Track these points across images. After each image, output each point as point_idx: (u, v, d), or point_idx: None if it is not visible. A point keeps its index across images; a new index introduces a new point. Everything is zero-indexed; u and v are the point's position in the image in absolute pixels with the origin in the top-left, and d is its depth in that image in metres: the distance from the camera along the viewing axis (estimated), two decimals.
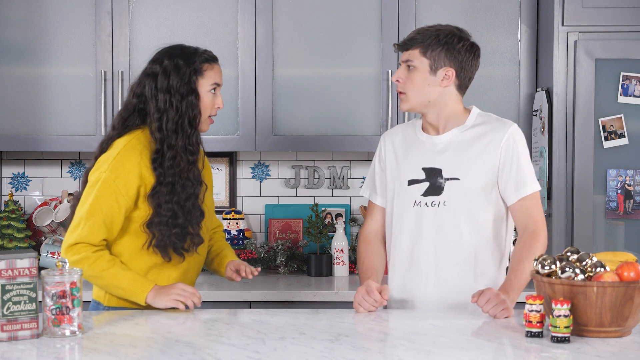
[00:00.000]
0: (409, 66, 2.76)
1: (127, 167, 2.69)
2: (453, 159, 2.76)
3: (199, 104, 2.76)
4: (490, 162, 2.73)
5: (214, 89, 2.80)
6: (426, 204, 2.77)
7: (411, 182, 2.80)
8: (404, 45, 2.77)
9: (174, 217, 2.70)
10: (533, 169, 2.77)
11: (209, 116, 2.81)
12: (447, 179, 2.75)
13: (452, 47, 2.72)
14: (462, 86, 2.78)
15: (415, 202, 2.79)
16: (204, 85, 2.77)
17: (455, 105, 2.78)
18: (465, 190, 2.74)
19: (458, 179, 2.75)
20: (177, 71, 2.74)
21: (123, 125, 2.78)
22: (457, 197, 2.74)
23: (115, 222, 2.69)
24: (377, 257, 2.90)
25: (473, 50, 2.76)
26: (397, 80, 2.78)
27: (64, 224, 3.96)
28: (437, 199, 2.76)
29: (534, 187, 2.74)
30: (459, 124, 2.78)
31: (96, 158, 2.78)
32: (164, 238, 2.70)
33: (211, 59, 2.81)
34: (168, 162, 2.70)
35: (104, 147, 2.78)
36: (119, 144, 2.73)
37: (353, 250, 4.08)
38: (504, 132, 2.74)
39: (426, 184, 2.78)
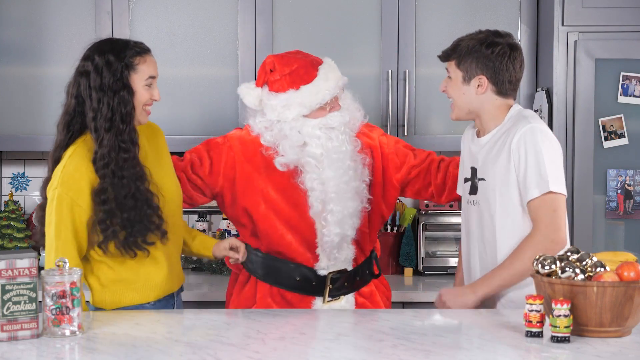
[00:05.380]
0: (449, 77, 2.83)
1: (76, 176, 2.65)
2: (482, 159, 2.80)
3: (132, 100, 2.69)
4: (506, 163, 2.71)
5: (150, 83, 2.74)
6: (471, 202, 2.85)
7: (466, 180, 2.88)
8: (443, 57, 2.84)
9: (114, 216, 2.64)
10: (545, 171, 2.66)
11: (144, 108, 2.74)
12: (479, 179, 2.80)
13: (482, 55, 2.75)
14: (503, 91, 2.78)
15: (467, 200, 2.87)
16: (138, 80, 2.71)
17: (494, 110, 2.80)
18: (489, 190, 2.76)
19: (484, 180, 2.78)
20: (109, 68, 2.67)
21: (67, 129, 2.72)
22: (484, 197, 2.78)
23: (80, 233, 2.66)
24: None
25: (506, 53, 2.75)
26: (443, 91, 2.86)
27: None
28: (475, 198, 2.83)
29: (536, 191, 2.66)
30: (497, 125, 2.80)
31: (53, 165, 2.72)
32: (109, 236, 2.65)
33: (143, 51, 2.74)
34: (102, 161, 2.64)
35: (56, 157, 2.72)
36: (67, 153, 2.69)
37: None
38: (514, 134, 2.70)
39: (470, 183, 2.85)
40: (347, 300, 3.07)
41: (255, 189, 3.01)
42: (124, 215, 2.65)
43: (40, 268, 3.79)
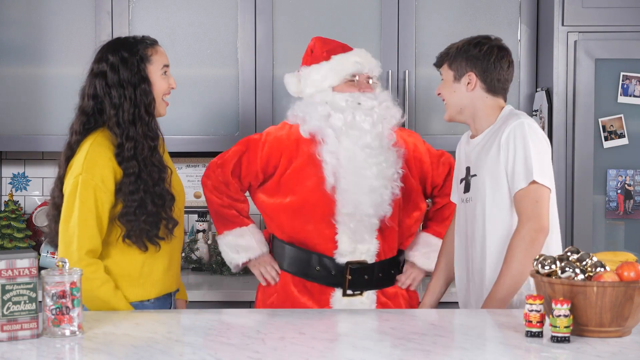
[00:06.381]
0: (442, 79, 2.90)
1: (100, 163, 2.70)
2: (474, 157, 2.84)
3: (152, 91, 2.79)
4: (495, 157, 2.75)
5: (165, 71, 2.83)
6: (464, 201, 2.88)
7: (461, 181, 2.91)
8: (438, 63, 2.92)
9: (143, 206, 2.71)
10: (531, 162, 2.69)
11: (163, 98, 2.84)
12: (472, 176, 2.84)
13: (469, 54, 2.83)
14: (492, 88, 2.84)
15: (461, 199, 2.91)
16: (154, 71, 2.81)
17: (486, 109, 2.85)
18: (480, 185, 2.79)
19: (476, 175, 2.82)
20: (125, 64, 2.76)
21: (84, 128, 2.78)
22: (476, 192, 2.81)
23: (103, 219, 2.70)
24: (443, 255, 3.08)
25: (494, 52, 2.83)
26: (438, 94, 2.93)
27: None
28: (468, 195, 2.86)
29: (523, 182, 2.70)
30: (489, 124, 2.84)
31: (65, 164, 2.77)
32: (134, 228, 2.71)
33: (152, 42, 2.85)
34: (129, 153, 2.71)
35: (71, 152, 2.77)
36: (85, 144, 2.74)
37: None
38: (505, 128, 2.76)
39: (464, 182, 2.89)
40: (368, 297, 3.10)
41: (280, 174, 3.10)
42: (152, 205, 2.71)
43: (41, 268, 3.79)
